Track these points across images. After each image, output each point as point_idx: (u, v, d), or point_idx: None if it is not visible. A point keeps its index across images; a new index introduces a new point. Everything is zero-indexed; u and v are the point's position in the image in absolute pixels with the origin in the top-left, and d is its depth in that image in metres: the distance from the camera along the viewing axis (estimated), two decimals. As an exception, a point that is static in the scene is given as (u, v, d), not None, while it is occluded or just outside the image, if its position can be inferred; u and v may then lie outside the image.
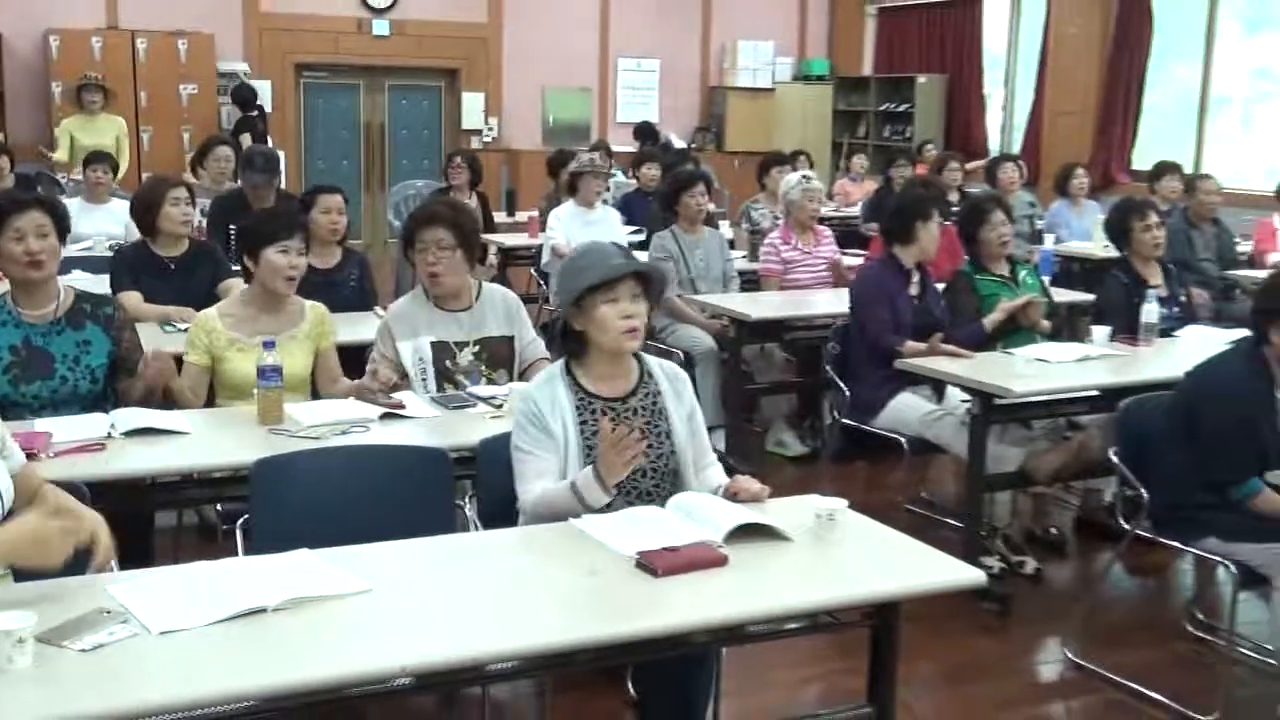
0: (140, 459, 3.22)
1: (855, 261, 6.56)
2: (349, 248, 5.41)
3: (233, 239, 6.25)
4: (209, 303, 4.23)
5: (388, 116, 13.53)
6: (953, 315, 5.01)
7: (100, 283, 4.89)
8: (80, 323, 3.68)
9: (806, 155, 10.22)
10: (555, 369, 3.05)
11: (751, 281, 6.64)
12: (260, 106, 11.57)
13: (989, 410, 4.37)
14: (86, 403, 3.63)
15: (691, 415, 3.07)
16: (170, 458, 3.27)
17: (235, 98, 11.51)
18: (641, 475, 2.94)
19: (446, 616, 2.31)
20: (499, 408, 3.66)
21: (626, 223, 7.95)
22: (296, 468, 3.12)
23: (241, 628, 2.20)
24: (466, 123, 13.45)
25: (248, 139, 10.40)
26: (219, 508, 3.74)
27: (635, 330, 2.93)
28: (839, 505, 2.78)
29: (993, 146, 13.63)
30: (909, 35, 14.67)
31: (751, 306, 5.94)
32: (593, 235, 7.36)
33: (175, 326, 4.65)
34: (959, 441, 4.54)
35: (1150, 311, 4.97)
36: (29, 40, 11.30)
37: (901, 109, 14.30)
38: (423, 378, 3.94)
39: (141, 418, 3.42)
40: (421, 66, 13.34)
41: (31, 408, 3.54)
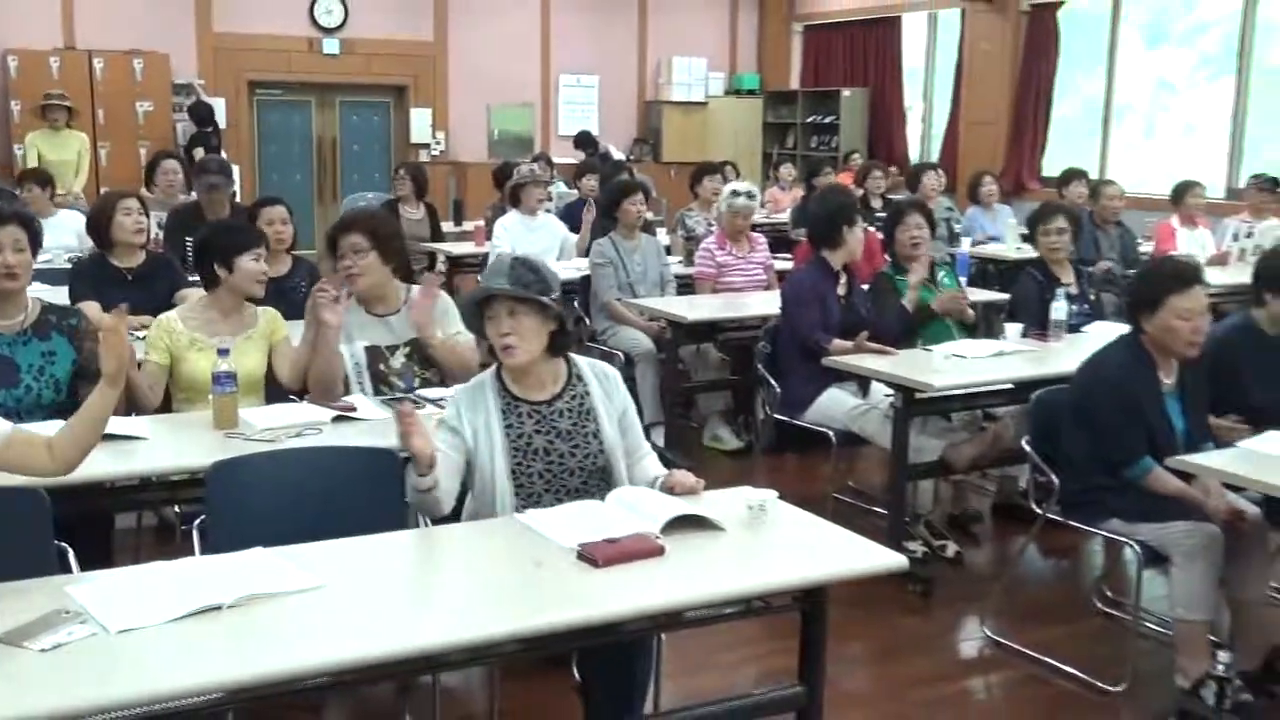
0: (99, 463, 3.13)
1: (784, 265, 6.60)
2: (299, 256, 5.36)
3: (189, 250, 6.18)
4: (166, 311, 4.17)
5: (339, 131, 13.41)
6: (878, 313, 5.06)
7: (59, 294, 4.81)
8: (46, 333, 3.62)
9: (734, 165, 10.25)
10: (487, 375, 3.03)
11: (687, 285, 6.65)
12: (215, 123, 11.42)
13: (911, 404, 4.41)
14: (50, 411, 3.54)
15: (624, 412, 3.06)
16: (128, 462, 3.21)
17: (193, 114, 11.36)
18: (569, 474, 2.93)
19: (396, 609, 2.29)
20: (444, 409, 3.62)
21: (570, 230, 7.94)
22: (251, 469, 3.08)
23: (198, 625, 2.17)
24: (415, 137, 13.38)
25: (201, 153, 10.25)
26: (177, 509, 3.68)
27: (509, 348, 2.89)
28: (769, 496, 2.80)
29: (913, 155, 13.78)
30: (833, 51, 14.77)
31: (687, 309, 5.95)
32: (536, 242, 7.37)
33: (134, 335, 4.57)
34: (883, 434, 4.58)
35: (1059, 309, 5.04)
36: (-13, 60, 11.10)
37: (827, 120, 14.40)
38: (359, 381, 3.92)
39: (100, 424, 3.36)
40: (371, 83, 13.24)
41: (-4, 416, 3.47)
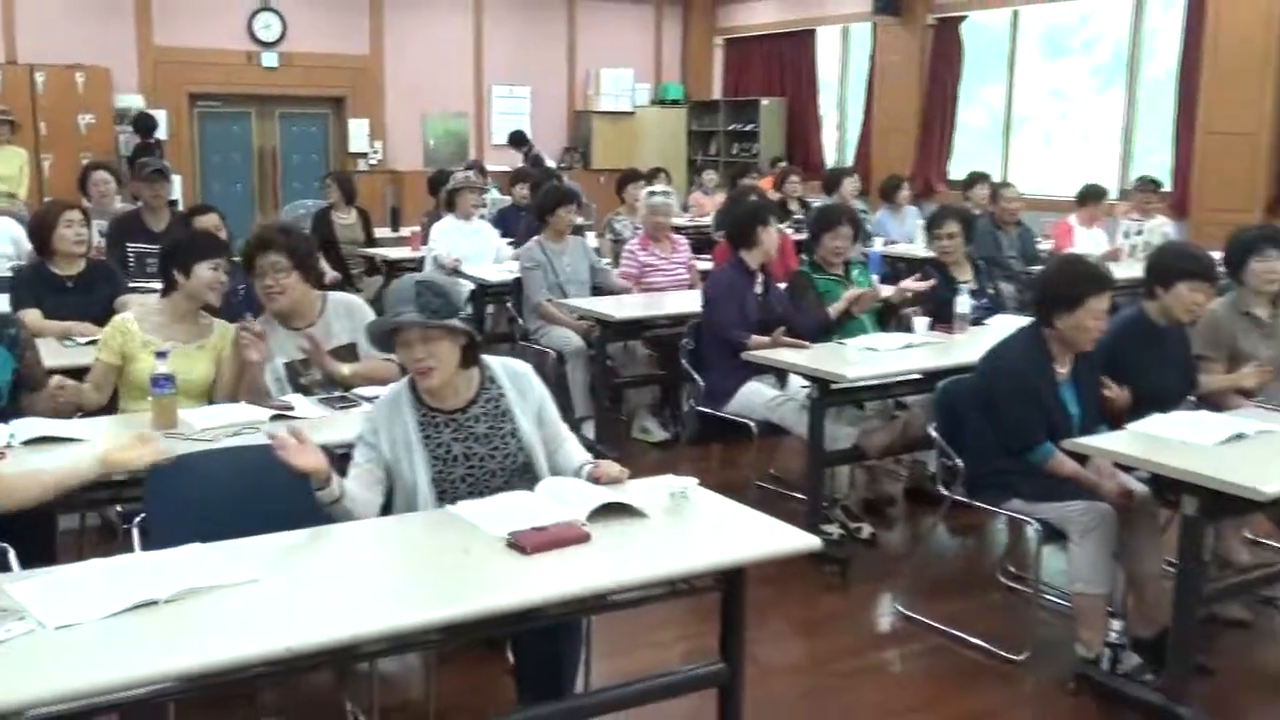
0: (41, 465, 3.08)
1: (705, 266, 6.62)
2: (236, 262, 5.25)
3: (130, 257, 6.06)
4: (107, 318, 4.06)
5: (279, 142, 13.23)
6: (796, 309, 5.10)
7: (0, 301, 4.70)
8: None
9: (665, 172, 10.28)
10: (400, 387, 2.96)
11: (604, 290, 6.60)
12: (157, 138, 11.21)
13: (826, 394, 4.45)
14: (-11, 417, 3.48)
15: (540, 406, 3.01)
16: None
17: (137, 126, 11.14)
18: (491, 476, 2.90)
19: (330, 600, 2.26)
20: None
21: (503, 235, 7.91)
22: (190, 468, 3.01)
23: (135, 619, 2.12)
24: (353, 146, 13.25)
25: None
26: (119, 509, 3.60)
27: (426, 371, 2.83)
28: (690, 483, 2.81)
29: (829, 160, 13.90)
30: (753, 63, 14.86)
31: (615, 308, 5.95)
32: (470, 246, 7.35)
33: (75, 341, 4.50)
34: (800, 423, 4.61)
35: (962, 303, 5.11)
36: (-71, 75, 10.81)
37: (748, 128, 14.49)
38: (283, 395, 3.76)
39: (41, 427, 3.28)
40: (309, 95, 13.08)
41: (-64, 424, 3.38)
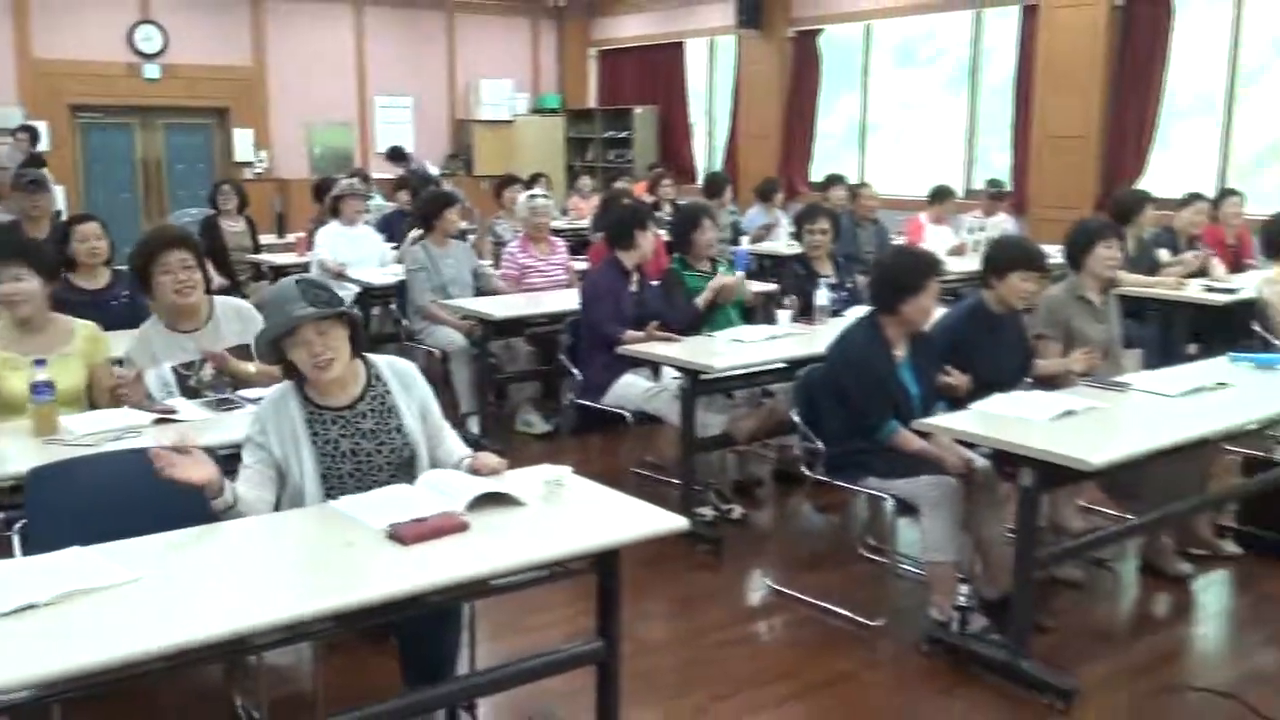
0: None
1: (582, 266, 6.63)
2: (119, 270, 5.07)
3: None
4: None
5: (164, 151, 12.82)
6: (669, 303, 5.13)
7: None
8: None
9: (546, 177, 10.26)
10: (287, 387, 2.88)
11: (484, 291, 6.55)
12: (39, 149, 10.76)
13: (697, 384, 4.49)
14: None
15: (423, 402, 2.97)
16: (-55, 473, 2.98)
17: (31, 138, 10.69)
18: (377, 470, 2.85)
19: (211, 596, 2.19)
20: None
21: (386, 239, 7.79)
22: (71, 474, 2.89)
23: (15, 623, 2.03)
24: (239, 155, 12.92)
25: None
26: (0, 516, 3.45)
27: (325, 363, 2.76)
28: (564, 472, 2.80)
29: (699, 165, 14.03)
30: (626, 73, 14.91)
31: (497, 307, 5.91)
32: (355, 250, 7.23)
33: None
34: (673, 412, 4.65)
35: (822, 296, 5.22)
36: None
37: (623, 135, 14.54)
38: (169, 399, 3.61)
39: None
40: (193, 106, 12.71)
41: None
